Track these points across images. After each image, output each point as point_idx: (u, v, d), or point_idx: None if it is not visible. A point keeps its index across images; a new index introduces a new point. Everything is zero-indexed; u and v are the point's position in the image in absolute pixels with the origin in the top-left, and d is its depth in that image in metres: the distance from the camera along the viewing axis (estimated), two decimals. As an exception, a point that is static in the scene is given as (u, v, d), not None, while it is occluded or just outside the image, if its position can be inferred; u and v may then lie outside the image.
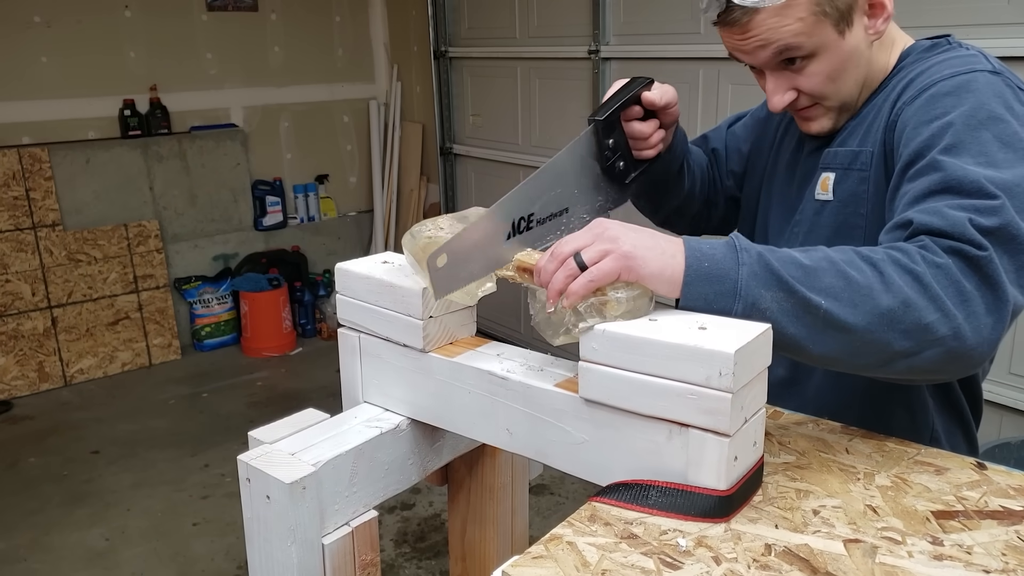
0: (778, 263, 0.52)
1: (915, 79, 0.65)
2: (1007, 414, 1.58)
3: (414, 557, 1.78)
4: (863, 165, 0.67)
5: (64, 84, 2.70)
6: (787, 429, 0.61)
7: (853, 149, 0.68)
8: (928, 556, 0.46)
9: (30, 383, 2.67)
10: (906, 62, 0.70)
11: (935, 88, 0.62)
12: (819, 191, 0.70)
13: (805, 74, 0.66)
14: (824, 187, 0.69)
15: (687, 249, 0.53)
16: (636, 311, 0.53)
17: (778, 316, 0.51)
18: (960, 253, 0.52)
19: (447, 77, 2.97)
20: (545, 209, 0.61)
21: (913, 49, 0.71)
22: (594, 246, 0.52)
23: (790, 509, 0.51)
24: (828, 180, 0.69)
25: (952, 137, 0.58)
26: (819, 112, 0.70)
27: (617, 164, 0.69)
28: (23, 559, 1.78)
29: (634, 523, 0.50)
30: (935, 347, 0.51)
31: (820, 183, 0.70)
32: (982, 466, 0.55)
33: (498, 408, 0.59)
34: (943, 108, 0.60)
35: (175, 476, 2.11)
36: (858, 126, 0.70)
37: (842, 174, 0.68)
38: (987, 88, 0.60)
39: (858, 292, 0.51)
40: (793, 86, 0.67)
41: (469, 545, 0.76)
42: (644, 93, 0.68)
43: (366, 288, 0.65)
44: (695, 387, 0.48)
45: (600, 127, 0.66)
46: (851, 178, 0.68)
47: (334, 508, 0.60)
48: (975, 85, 0.60)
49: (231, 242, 3.10)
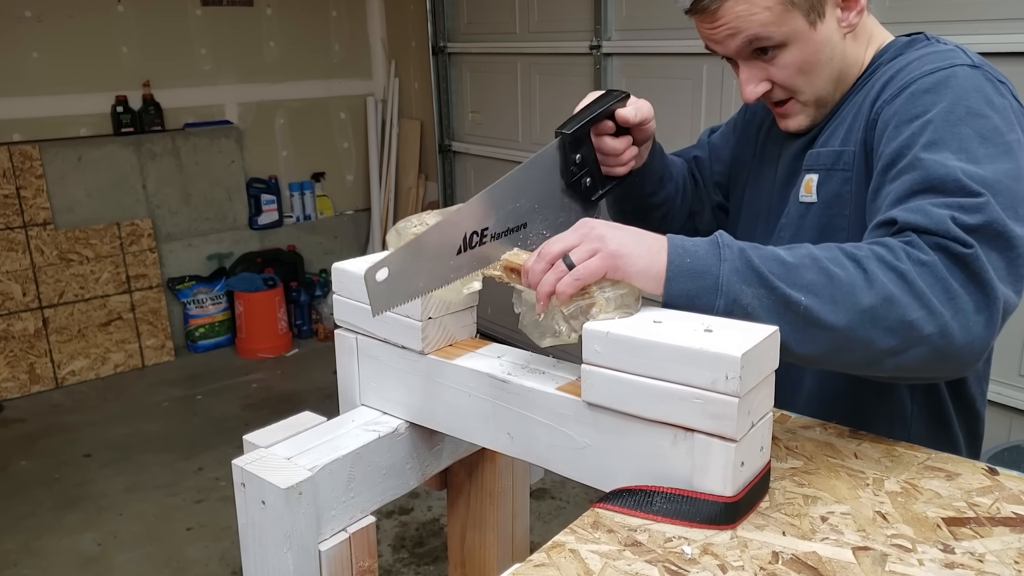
0: (759, 259, 0.52)
1: (894, 76, 0.65)
2: (1016, 416, 1.57)
3: (412, 563, 1.77)
4: (846, 165, 0.66)
5: (55, 80, 2.67)
6: (794, 433, 0.60)
7: (835, 149, 0.67)
8: (939, 564, 0.45)
9: (21, 385, 2.64)
10: (883, 59, 0.70)
11: (915, 85, 0.61)
12: (803, 193, 0.69)
13: (777, 65, 0.67)
14: (808, 189, 0.69)
15: (670, 246, 0.53)
16: (623, 309, 0.52)
17: (759, 313, 0.50)
18: (945, 250, 0.51)
19: (446, 73, 2.95)
20: (501, 224, 0.58)
21: (891, 46, 0.71)
22: (582, 246, 0.52)
23: (798, 516, 0.50)
24: (811, 182, 0.69)
25: (932, 134, 0.57)
26: (795, 108, 0.70)
27: (584, 180, 0.66)
28: (13, 564, 1.76)
29: (638, 530, 0.49)
30: (921, 345, 0.50)
31: (804, 185, 0.70)
32: (993, 471, 0.54)
33: (498, 412, 0.58)
34: (923, 105, 0.59)
35: (168, 480, 2.09)
36: (839, 126, 0.69)
37: (825, 175, 0.68)
38: (967, 82, 0.59)
39: (840, 289, 0.50)
40: (766, 77, 0.68)
41: (469, 551, 0.75)
42: (618, 109, 0.66)
43: (363, 288, 0.63)
44: (701, 391, 0.47)
45: (567, 141, 0.64)
46: (834, 179, 0.67)
47: (331, 514, 0.58)
48: (954, 80, 0.60)
49: (226, 241, 3.07)
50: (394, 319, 0.61)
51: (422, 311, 0.60)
